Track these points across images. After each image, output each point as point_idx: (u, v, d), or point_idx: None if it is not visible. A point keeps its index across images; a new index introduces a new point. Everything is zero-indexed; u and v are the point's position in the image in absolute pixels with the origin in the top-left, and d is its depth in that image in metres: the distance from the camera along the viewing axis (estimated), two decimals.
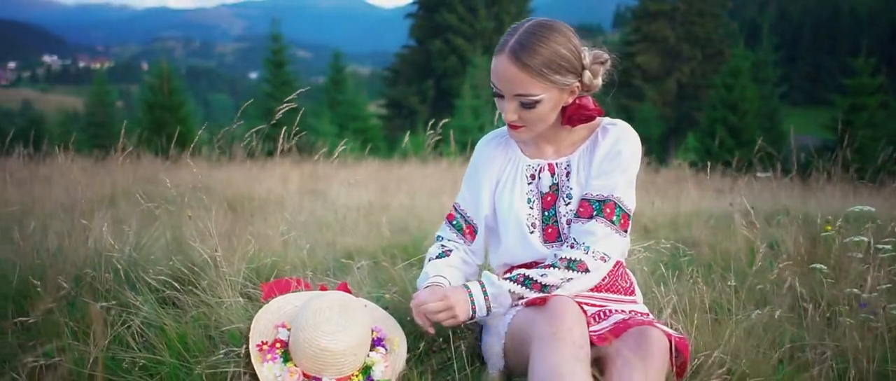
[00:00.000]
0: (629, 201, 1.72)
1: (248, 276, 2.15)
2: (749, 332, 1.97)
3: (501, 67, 1.63)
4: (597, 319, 1.67)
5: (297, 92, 2.39)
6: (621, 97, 35.98)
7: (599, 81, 1.74)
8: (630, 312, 1.73)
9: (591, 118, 1.75)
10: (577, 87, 1.70)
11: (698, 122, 28.41)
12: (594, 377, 1.44)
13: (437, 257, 1.89)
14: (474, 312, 1.68)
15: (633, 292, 1.85)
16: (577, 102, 1.72)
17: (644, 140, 1.89)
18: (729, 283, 2.21)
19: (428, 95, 38.30)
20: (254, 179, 6.51)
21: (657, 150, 24.14)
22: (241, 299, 1.93)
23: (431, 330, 1.72)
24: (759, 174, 4.76)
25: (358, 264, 2.40)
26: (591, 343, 1.49)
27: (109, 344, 1.71)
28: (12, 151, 4.82)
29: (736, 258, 2.91)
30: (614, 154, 1.72)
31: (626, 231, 1.73)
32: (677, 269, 2.83)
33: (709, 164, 3.68)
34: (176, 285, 1.96)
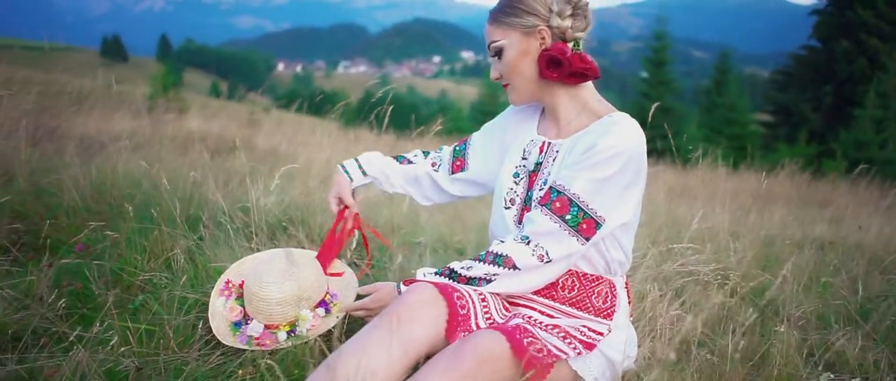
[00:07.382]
0: (598, 206, 1.43)
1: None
2: None
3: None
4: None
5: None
6: None
7: (575, 24, 1.52)
8: (569, 330, 1.47)
9: (560, 65, 1.49)
10: (545, 31, 1.51)
11: None
12: None
13: (406, 161, 1.90)
14: None
15: (609, 317, 1.52)
16: (547, 50, 1.51)
17: None
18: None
19: (824, 103, 33.69)
20: None
21: None
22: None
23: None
24: None
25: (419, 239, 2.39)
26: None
27: (158, 265, 1.97)
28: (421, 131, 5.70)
29: None
30: (588, 147, 1.45)
31: (586, 238, 1.44)
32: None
33: None
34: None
